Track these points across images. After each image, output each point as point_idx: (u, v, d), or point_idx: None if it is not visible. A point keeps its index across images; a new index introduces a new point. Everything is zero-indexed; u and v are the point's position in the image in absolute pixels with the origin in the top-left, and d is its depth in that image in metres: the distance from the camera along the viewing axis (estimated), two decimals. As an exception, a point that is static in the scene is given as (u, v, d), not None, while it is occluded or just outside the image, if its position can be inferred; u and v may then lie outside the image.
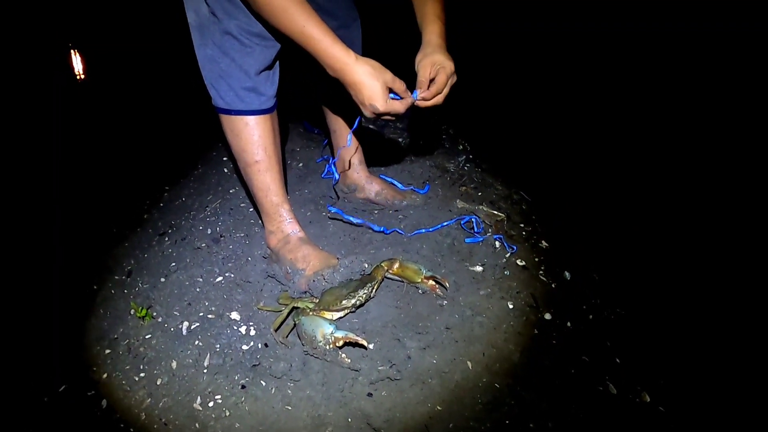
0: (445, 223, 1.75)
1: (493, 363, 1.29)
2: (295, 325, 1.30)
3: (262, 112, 1.40)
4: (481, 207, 1.89)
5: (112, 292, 1.65)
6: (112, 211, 2.11)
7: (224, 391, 1.21)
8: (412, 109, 1.34)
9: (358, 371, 1.23)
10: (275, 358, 1.27)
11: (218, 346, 1.31)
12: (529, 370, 1.29)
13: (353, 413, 1.16)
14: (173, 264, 1.64)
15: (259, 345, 1.31)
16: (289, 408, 1.17)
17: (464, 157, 2.33)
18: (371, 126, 2.48)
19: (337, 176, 1.57)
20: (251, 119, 1.40)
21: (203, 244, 1.73)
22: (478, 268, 1.58)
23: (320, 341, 1.23)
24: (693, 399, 1.29)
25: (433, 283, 1.46)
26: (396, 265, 1.47)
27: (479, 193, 2.01)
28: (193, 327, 1.37)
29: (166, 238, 1.84)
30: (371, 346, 1.29)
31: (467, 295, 1.47)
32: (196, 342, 1.32)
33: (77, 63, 3.20)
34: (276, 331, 1.31)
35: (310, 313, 1.30)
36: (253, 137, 1.41)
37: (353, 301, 1.33)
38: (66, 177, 2.32)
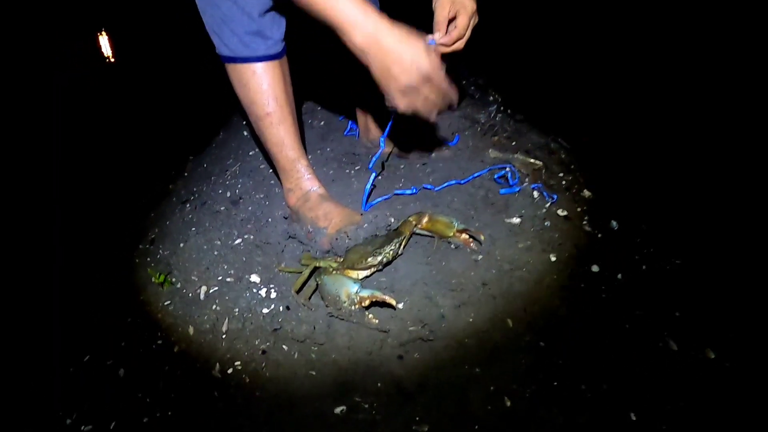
0: (478, 174, 1.61)
1: (536, 320, 1.17)
2: (317, 286, 1.21)
3: (270, 57, 1.28)
4: (516, 156, 1.74)
5: (136, 261, 1.61)
6: (141, 184, 2.07)
7: (244, 357, 1.13)
8: None
9: (386, 332, 1.13)
10: (297, 321, 1.18)
11: (237, 310, 1.23)
12: (577, 326, 1.16)
13: (383, 378, 1.07)
14: (193, 229, 1.57)
15: (281, 308, 1.22)
16: (313, 373, 1.08)
17: (495, 107, 2.16)
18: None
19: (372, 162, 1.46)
20: (259, 66, 1.28)
21: (222, 208, 1.65)
22: (516, 220, 1.44)
23: (344, 301, 1.13)
24: (763, 353, 1.14)
25: (467, 236, 1.33)
26: (425, 219, 1.35)
27: (513, 143, 1.86)
28: (211, 291, 1.30)
29: (188, 205, 1.78)
30: (400, 306, 1.19)
31: (504, 249, 1.34)
32: (214, 307, 1.25)
33: (105, 43, 3.17)
34: (297, 292, 1.22)
35: (334, 273, 1.20)
36: (262, 86, 1.30)
37: (379, 258, 1.22)
38: (96, 152, 2.30)
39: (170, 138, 2.41)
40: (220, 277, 1.33)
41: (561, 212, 1.49)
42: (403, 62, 0.97)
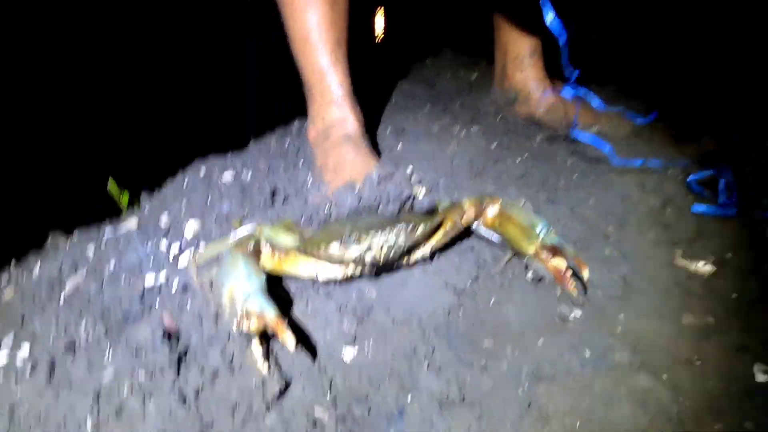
0: (661, 164, 0.87)
1: None
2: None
3: None
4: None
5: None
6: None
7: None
8: None
9: (269, 405, 0.52)
10: (181, 309, 0.65)
11: (113, 263, 0.74)
12: None
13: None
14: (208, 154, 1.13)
15: (174, 282, 0.70)
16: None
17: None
18: None
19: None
20: None
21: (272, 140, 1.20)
22: (701, 267, 0.68)
23: (227, 305, 0.56)
24: None
25: (561, 264, 0.63)
26: (492, 210, 0.69)
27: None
28: (113, 235, 0.82)
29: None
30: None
31: (642, 319, 0.60)
32: (89, 253, 0.77)
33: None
34: (199, 267, 0.68)
35: (243, 254, 0.62)
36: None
37: (356, 249, 0.61)
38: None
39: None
40: (167, 213, 0.86)
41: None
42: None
